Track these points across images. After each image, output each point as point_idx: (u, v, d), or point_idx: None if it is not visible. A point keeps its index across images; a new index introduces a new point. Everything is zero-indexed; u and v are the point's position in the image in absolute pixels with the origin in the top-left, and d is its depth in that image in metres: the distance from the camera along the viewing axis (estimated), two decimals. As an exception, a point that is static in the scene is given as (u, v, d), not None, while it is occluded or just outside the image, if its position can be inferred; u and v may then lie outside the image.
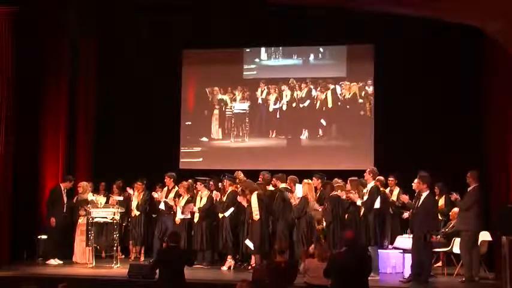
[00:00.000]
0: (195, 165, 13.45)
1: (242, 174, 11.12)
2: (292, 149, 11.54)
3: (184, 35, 13.27)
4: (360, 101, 11.54)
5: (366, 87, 11.86)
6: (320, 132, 11.62)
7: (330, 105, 11.62)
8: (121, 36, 13.30)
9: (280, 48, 12.13)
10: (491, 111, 10.72)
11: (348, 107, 11.58)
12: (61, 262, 11.03)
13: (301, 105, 11.80)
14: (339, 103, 11.54)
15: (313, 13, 11.83)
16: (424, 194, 9.28)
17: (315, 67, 11.62)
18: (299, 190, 10.57)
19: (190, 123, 12.50)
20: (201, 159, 12.21)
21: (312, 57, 11.68)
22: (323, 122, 11.60)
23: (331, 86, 11.51)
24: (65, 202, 11.37)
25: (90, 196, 11.54)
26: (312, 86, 11.69)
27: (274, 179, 10.67)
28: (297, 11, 11.86)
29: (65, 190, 11.46)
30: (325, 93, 11.59)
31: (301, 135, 11.65)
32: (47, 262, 11.03)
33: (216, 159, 12.20)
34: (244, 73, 12.31)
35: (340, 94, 11.56)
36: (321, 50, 11.46)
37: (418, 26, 11.17)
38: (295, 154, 11.64)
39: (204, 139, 12.50)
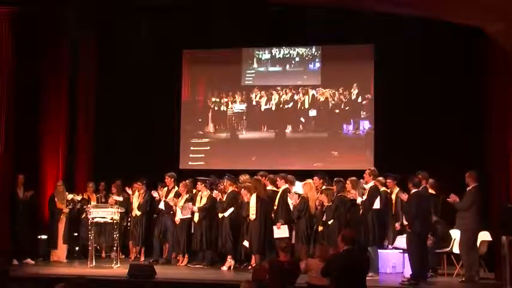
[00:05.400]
0: (196, 165, 13.61)
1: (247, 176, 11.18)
2: (279, 140, 13.53)
3: (184, 35, 13.28)
4: (332, 103, 13.29)
5: (345, 92, 13.29)
6: (300, 127, 13.45)
7: (307, 106, 13.43)
8: (121, 36, 13.30)
9: (269, 60, 13.72)
10: (491, 111, 10.70)
11: (321, 108, 13.33)
12: (33, 262, 11.03)
13: (286, 106, 13.58)
14: (315, 105, 13.41)
15: (313, 13, 11.85)
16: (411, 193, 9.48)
17: (295, 75, 13.61)
18: (298, 189, 10.59)
19: (200, 120, 13.93)
20: (208, 147, 13.81)
21: (293, 65, 13.69)
22: (302, 119, 13.43)
23: (310, 92, 13.46)
24: (21, 199, 11.19)
25: (69, 196, 11.62)
26: (294, 91, 13.54)
27: (278, 179, 10.68)
28: (297, 11, 11.88)
29: (22, 187, 11.23)
30: (304, 97, 13.47)
31: (286, 129, 13.51)
32: (24, 261, 10.95)
33: (220, 148, 13.76)
34: (242, 81, 13.83)
35: (315, 98, 13.43)
36: (297, 59, 13.62)
37: (418, 26, 11.18)
38: (281, 144, 13.49)
39: (210, 132, 13.89)
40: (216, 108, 13.83)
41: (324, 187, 10.34)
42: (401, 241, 10.03)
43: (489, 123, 10.83)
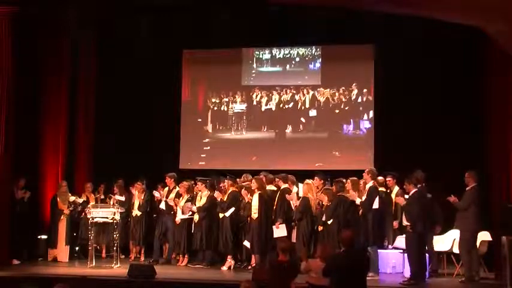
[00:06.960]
0: (196, 165, 13.60)
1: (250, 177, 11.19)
2: (279, 140, 13.56)
3: (184, 35, 13.28)
4: (332, 103, 13.31)
5: (345, 92, 13.36)
6: (301, 127, 13.49)
7: (307, 106, 13.46)
8: (121, 36, 13.30)
9: (269, 60, 13.76)
10: (491, 111, 10.71)
11: (322, 108, 13.36)
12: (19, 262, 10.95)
13: (286, 106, 13.61)
14: (316, 105, 13.43)
15: (313, 13, 11.85)
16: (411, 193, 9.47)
17: (296, 75, 13.64)
18: (300, 190, 10.59)
19: (200, 120, 13.94)
20: (208, 147, 13.83)
21: (293, 65, 13.73)
22: (302, 119, 13.45)
23: (310, 92, 13.48)
24: (18, 200, 11.18)
25: (72, 198, 11.62)
26: (294, 92, 13.56)
27: (276, 179, 10.69)
28: (297, 11, 11.88)
29: (20, 188, 11.24)
30: (304, 97, 13.52)
31: (286, 129, 13.56)
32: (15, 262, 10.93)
33: (220, 148, 13.77)
34: (242, 81, 13.85)
35: (316, 98, 13.46)
36: (297, 59, 13.64)
37: (418, 26, 11.18)
38: (281, 144, 13.51)
39: (210, 132, 13.91)
40: (216, 108, 13.84)
41: (324, 187, 10.35)
42: (401, 241, 10.03)
43: (489, 123, 10.83)
